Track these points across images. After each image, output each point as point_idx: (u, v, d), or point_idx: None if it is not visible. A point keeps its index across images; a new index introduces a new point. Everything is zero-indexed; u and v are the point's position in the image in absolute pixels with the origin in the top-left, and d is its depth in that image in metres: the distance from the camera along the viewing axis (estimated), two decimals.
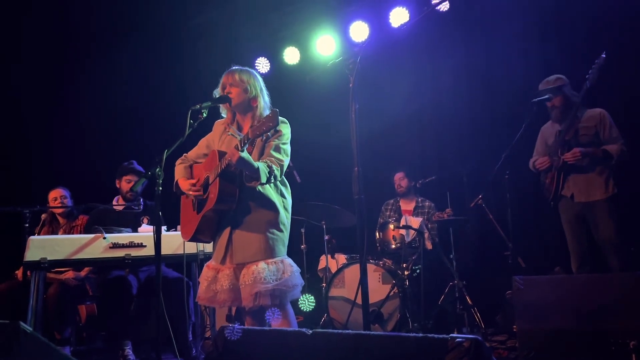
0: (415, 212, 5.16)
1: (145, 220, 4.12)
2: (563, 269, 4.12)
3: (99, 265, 3.92)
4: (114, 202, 4.36)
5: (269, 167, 2.62)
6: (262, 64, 6.21)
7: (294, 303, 2.85)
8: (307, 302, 4.69)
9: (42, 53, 5.75)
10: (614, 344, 2.97)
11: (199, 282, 2.88)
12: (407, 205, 5.28)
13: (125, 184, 4.32)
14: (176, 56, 6.17)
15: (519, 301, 3.35)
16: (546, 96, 4.08)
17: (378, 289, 4.36)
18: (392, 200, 5.39)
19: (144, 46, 5.98)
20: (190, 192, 2.80)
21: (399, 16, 5.35)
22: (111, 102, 5.87)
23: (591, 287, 3.19)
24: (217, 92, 2.88)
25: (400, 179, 5.28)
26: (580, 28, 4.82)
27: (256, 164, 2.56)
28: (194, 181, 2.83)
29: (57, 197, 4.55)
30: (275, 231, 2.72)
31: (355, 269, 4.49)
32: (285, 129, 2.80)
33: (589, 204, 3.87)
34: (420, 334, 1.68)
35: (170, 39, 6.11)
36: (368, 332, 1.80)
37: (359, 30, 5.67)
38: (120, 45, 5.89)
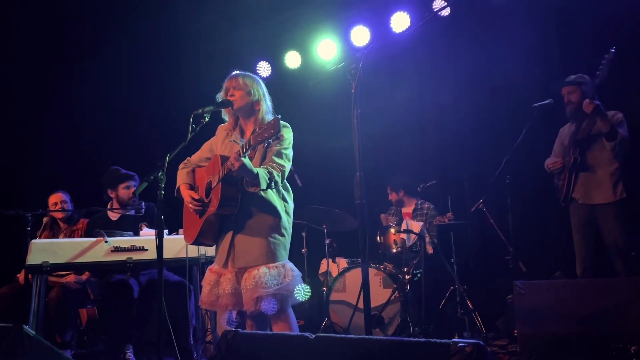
0: (414, 214, 5.16)
1: (144, 227, 4.12)
2: (564, 274, 4.12)
3: (101, 268, 3.92)
4: (108, 207, 4.34)
5: (270, 173, 2.63)
6: (263, 68, 6.21)
7: (294, 307, 2.85)
8: (302, 292, 4.65)
9: (42, 57, 5.76)
10: (614, 349, 2.97)
11: (201, 286, 2.89)
12: (406, 208, 5.29)
13: (123, 191, 4.27)
14: (178, 60, 6.18)
15: (520, 306, 3.35)
16: (547, 101, 4.09)
17: (379, 293, 4.36)
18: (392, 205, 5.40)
19: (146, 50, 6.00)
20: (190, 206, 2.83)
21: (400, 21, 5.37)
22: (112, 106, 5.88)
23: (592, 292, 3.20)
24: (219, 96, 2.89)
25: (389, 194, 5.29)
26: (584, 34, 4.82)
27: (256, 170, 2.57)
28: (195, 195, 2.84)
29: (57, 201, 4.54)
30: (277, 236, 2.73)
31: (356, 273, 4.49)
32: (287, 134, 2.81)
33: (595, 207, 3.85)
34: (423, 339, 1.69)
35: (172, 43, 6.13)
36: (371, 337, 1.81)
37: (360, 35, 5.68)
38: (121, 49, 5.90)
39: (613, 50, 3.71)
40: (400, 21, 5.38)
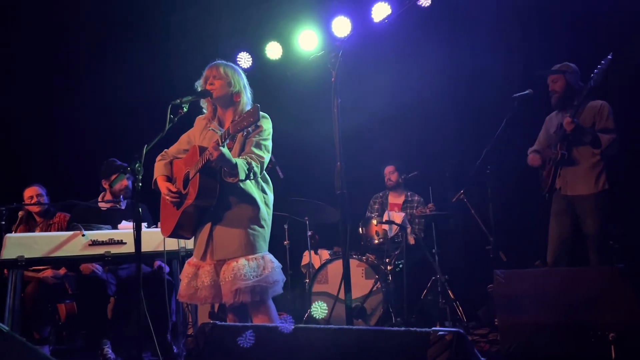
0: (404, 206, 5.16)
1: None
2: (544, 263, 4.15)
3: (78, 263, 3.85)
4: (99, 199, 4.28)
5: (249, 163, 2.60)
6: (244, 59, 6.16)
7: (277, 299, 2.83)
8: (319, 310, 4.63)
9: (30, 49, 5.62)
10: (593, 335, 3.01)
11: (180, 279, 2.85)
12: (396, 199, 5.28)
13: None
14: (158, 52, 6.09)
15: (500, 295, 3.38)
16: (527, 91, 4.09)
17: (361, 284, 4.36)
18: (381, 193, 5.38)
19: (125, 42, 5.90)
20: (167, 198, 2.77)
21: (381, 12, 5.36)
22: (91, 99, 5.78)
23: (571, 280, 3.23)
24: (199, 85, 2.84)
25: (390, 173, 5.27)
26: (563, 23, 4.85)
27: (234, 160, 2.53)
28: (173, 187, 2.78)
29: (33, 195, 4.45)
30: (256, 227, 2.70)
31: (338, 264, 4.49)
32: (267, 125, 2.78)
33: (576, 198, 3.85)
34: (403, 328, 1.68)
35: (152, 35, 6.03)
36: (350, 327, 1.79)
37: (341, 25, 5.66)
38: (101, 41, 5.80)
39: (610, 57, 3.67)
40: (381, 12, 5.37)
